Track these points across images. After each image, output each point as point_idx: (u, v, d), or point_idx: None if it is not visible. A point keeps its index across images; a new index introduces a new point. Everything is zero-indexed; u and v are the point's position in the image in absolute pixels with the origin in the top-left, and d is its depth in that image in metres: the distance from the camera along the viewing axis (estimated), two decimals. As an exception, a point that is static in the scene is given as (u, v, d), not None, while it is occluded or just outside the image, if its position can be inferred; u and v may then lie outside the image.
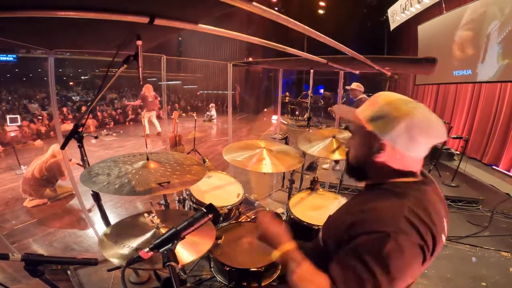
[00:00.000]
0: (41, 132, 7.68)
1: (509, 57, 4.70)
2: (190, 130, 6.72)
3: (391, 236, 0.72)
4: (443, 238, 0.84)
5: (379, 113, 0.84)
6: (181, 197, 2.10)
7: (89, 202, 2.82)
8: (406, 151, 0.83)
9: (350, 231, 0.81)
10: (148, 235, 1.26)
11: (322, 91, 12.51)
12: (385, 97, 0.87)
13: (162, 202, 1.99)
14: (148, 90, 7.39)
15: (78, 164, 2.02)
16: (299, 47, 1.95)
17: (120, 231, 1.29)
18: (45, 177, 3.63)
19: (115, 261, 1.11)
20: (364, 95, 4.46)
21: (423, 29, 7.61)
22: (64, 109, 9.49)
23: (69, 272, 2.09)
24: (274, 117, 10.68)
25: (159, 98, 7.70)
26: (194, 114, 6.07)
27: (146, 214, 1.30)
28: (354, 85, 4.45)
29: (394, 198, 0.82)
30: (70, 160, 3.16)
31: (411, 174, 0.87)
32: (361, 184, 1.01)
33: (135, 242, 1.21)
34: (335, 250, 0.85)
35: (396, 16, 8.89)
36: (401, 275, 0.73)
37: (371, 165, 0.89)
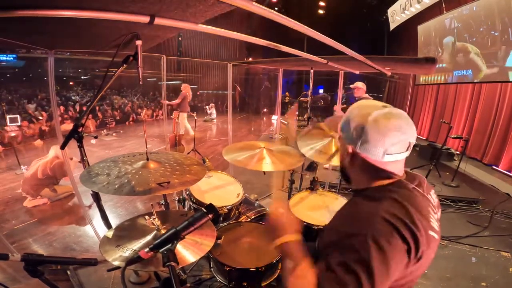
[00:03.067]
0: (45, 131, 7.66)
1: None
2: (190, 130, 6.71)
3: (370, 238, 0.71)
4: (434, 235, 0.81)
5: (345, 120, 0.90)
6: (181, 197, 2.09)
7: (89, 201, 2.83)
8: (370, 155, 0.84)
9: (335, 235, 0.83)
10: (149, 237, 1.25)
11: (321, 91, 12.49)
12: (356, 105, 0.91)
13: (162, 202, 1.99)
14: (189, 90, 6.84)
15: (80, 162, 2.01)
16: (299, 47, 1.95)
17: (121, 234, 1.28)
18: (48, 177, 3.64)
19: (119, 265, 1.10)
20: (367, 95, 4.47)
21: (423, 29, 7.61)
22: (62, 108, 9.48)
23: (69, 272, 2.09)
24: (274, 117, 10.67)
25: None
26: (194, 114, 6.07)
27: (146, 217, 1.29)
28: (359, 84, 4.44)
29: (372, 202, 0.82)
30: (72, 158, 3.17)
31: (387, 176, 0.86)
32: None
33: (137, 245, 1.21)
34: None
35: (396, 16, 8.88)
36: (385, 276, 0.71)
37: (348, 169, 0.95)
